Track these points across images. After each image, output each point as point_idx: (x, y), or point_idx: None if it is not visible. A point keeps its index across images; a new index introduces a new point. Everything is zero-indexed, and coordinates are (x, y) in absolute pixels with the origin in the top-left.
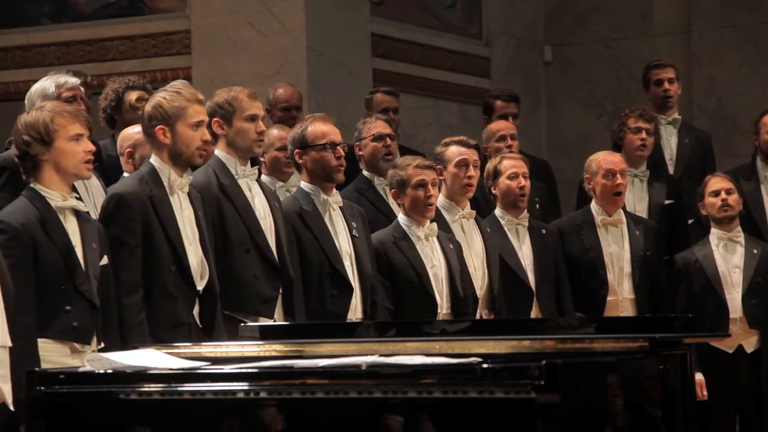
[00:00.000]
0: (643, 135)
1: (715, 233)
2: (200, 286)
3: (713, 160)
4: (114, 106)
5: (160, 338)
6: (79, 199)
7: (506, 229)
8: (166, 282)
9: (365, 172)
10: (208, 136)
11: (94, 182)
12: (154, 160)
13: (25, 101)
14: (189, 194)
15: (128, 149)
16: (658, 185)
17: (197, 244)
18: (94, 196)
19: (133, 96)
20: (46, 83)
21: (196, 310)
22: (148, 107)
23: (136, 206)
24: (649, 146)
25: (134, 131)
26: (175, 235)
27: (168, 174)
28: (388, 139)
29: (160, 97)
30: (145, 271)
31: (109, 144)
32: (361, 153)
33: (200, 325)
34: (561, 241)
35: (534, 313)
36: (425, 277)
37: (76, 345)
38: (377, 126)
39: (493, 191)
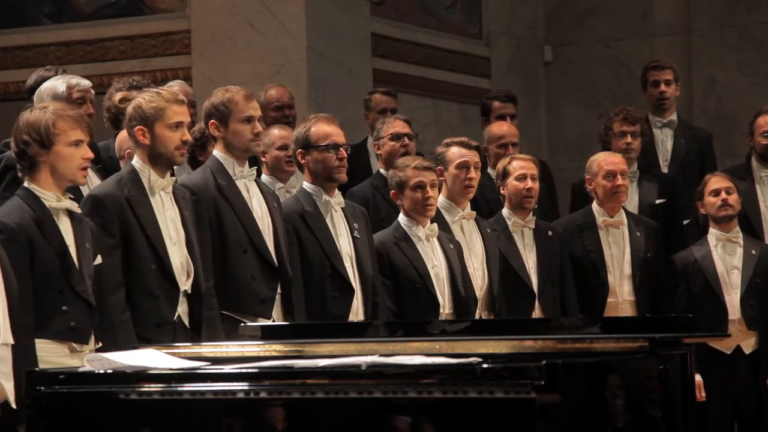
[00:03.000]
0: (629, 139)
1: (713, 233)
2: (185, 286)
3: (713, 159)
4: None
5: (144, 337)
6: (74, 199)
7: (512, 230)
8: (146, 281)
9: (382, 170)
10: (188, 137)
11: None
12: (135, 161)
13: (34, 97)
14: (175, 195)
15: (128, 150)
16: (648, 185)
17: (182, 244)
18: None
19: (117, 97)
20: (57, 82)
21: (183, 310)
22: (129, 108)
23: (112, 207)
24: (636, 148)
25: None
26: (155, 234)
27: (148, 174)
28: (406, 139)
29: (141, 98)
30: (125, 271)
31: (111, 144)
32: (379, 151)
33: (188, 325)
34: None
35: (536, 315)
36: (427, 278)
37: (75, 345)
38: (396, 125)
39: (502, 191)
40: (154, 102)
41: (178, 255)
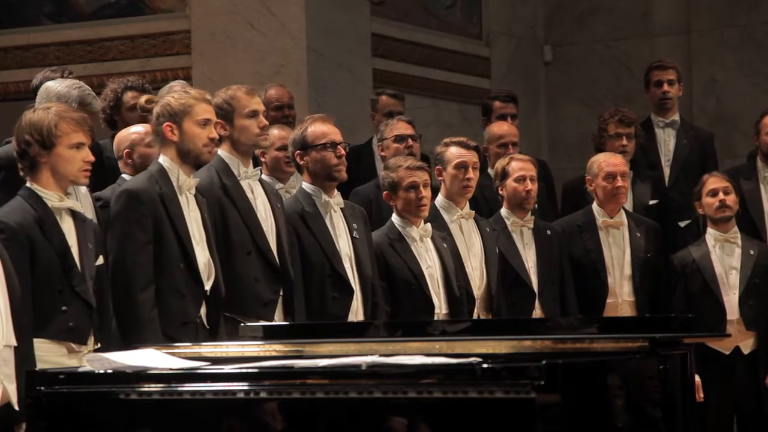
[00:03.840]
0: (624, 141)
1: (711, 234)
2: (207, 286)
3: (715, 160)
4: (113, 106)
5: (168, 335)
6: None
7: (511, 230)
8: (175, 279)
9: None
10: (215, 134)
11: (82, 188)
12: (162, 159)
13: (41, 92)
14: (195, 196)
15: (126, 150)
16: (642, 186)
17: (204, 245)
18: (81, 201)
19: (143, 99)
20: (74, 93)
21: (203, 310)
22: (157, 107)
23: (147, 203)
24: (630, 150)
25: (129, 132)
26: (184, 233)
27: (177, 174)
28: (409, 140)
29: (169, 96)
30: (155, 268)
31: (109, 143)
32: (383, 153)
33: (207, 326)
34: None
35: (536, 315)
36: (422, 279)
37: (73, 345)
38: (399, 127)
39: (500, 191)
40: (182, 99)
41: (202, 255)
